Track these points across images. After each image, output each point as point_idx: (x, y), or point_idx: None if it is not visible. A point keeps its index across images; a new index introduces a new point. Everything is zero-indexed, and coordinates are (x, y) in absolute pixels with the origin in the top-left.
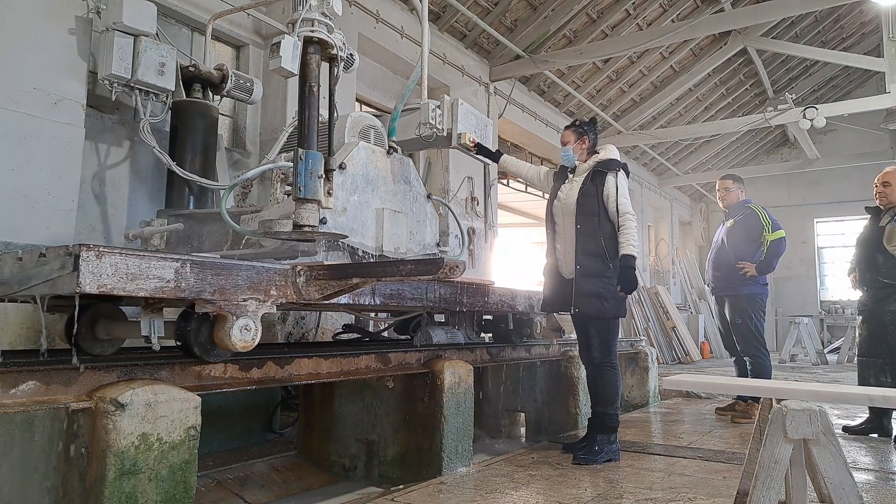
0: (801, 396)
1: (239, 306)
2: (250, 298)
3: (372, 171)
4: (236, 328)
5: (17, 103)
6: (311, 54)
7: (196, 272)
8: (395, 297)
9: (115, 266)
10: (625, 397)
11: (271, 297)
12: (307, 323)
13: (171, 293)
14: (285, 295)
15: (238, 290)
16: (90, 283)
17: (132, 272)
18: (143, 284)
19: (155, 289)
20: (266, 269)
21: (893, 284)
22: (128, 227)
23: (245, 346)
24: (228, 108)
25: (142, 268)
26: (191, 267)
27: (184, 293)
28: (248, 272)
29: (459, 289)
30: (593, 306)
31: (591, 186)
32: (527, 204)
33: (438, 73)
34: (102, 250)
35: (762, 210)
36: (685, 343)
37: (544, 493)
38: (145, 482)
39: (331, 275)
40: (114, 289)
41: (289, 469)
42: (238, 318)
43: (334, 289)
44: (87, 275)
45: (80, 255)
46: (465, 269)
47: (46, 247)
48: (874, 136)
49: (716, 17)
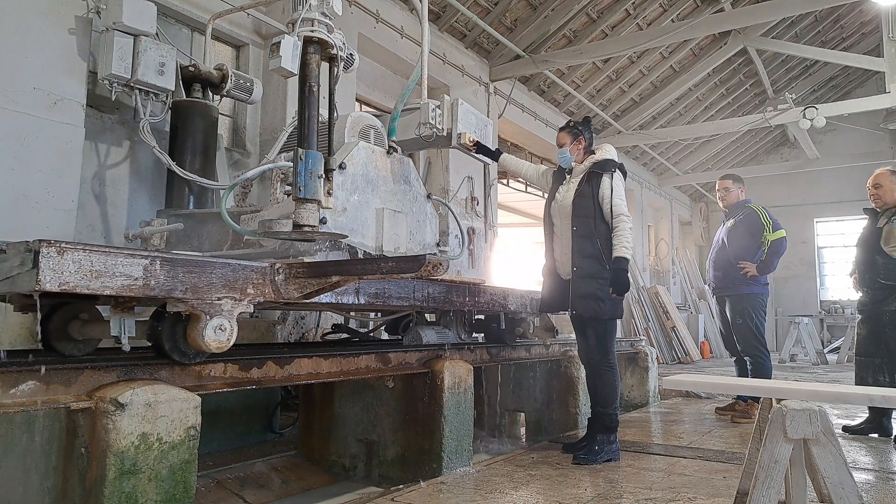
0: (801, 396)
1: (213, 305)
2: (225, 297)
3: (372, 171)
4: (210, 328)
5: (17, 103)
6: (311, 54)
7: (167, 269)
8: (381, 297)
9: (79, 263)
10: (625, 397)
11: (248, 295)
12: (307, 323)
13: (140, 291)
14: (263, 294)
15: (212, 289)
16: (51, 280)
17: (97, 269)
18: (108, 282)
19: (122, 287)
20: (243, 267)
21: (892, 285)
22: (128, 227)
23: (219, 346)
24: (228, 108)
25: (107, 265)
26: (161, 264)
27: (153, 291)
28: (223, 270)
29: (449, 288)
30: (590, 308)
31: (587, 188)
32: (527, 204)
33: (438, 73)
34: (64, 246)
35: (762, 210)
36: (685, 343)
37: (544, 493)
38: (145, 482)
39: (310, 273)
40: (77, 287)
41: (289, 469)
42: (212, 317)
43: (314, 287)
44: (47, 272)
45: (41, 252)
46: (449, 267)
47: (7, 242)
48: (874, 135)
49: (716, 17)
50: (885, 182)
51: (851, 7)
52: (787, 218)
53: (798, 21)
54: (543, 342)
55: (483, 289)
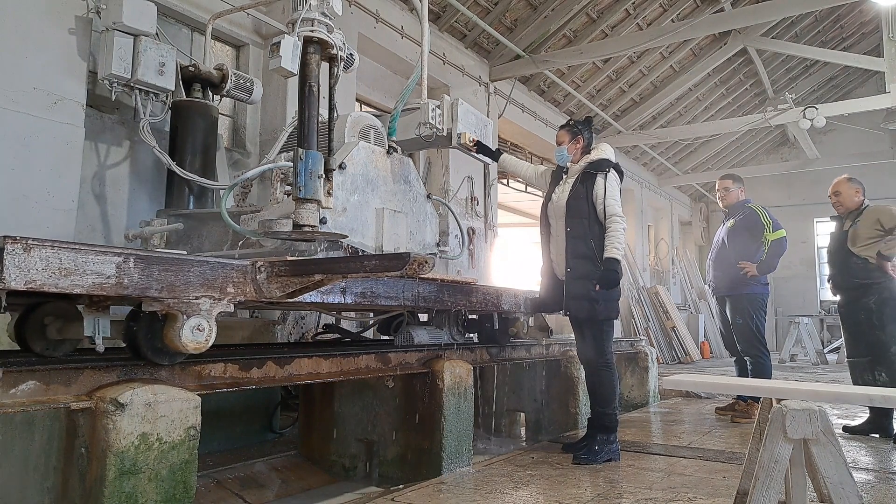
0: (800, 396)
1: (191, 305)
2: (203, 296)
3: (372, 170)
4: (187, 328)
5: (17, 103)
6: (311, 54)
7: (141, 267)
8: (368, 296)
9: (46, 260)
10: (625, 397)
11: (228, 294)
12: (307, 323)
13: (112, 290)
14: (244, 293)
15: (189, 287)
16: (17, 278)
17: (66, 267)
18: (78, 281)
19: (93, 285)
20: (222, 265)
21: (866, 283)
22: (128, 227)
23: (197, 347)
24: (228, 108)
25: (77, 262)
26: (135, 262)
27: (127, 290)
28: (202, 268)
29: (440, 287)
30: (583, 309)
31: (581, 188)
32: (527, 204)
33: (438, 72)
34: (31, 243)
35: (762, 210)
36: (685, 343)
37: (544, 493)
38: (145, 482)
39: (293, 271)
40: (44, 285)
41: (289, 469)
42: (189, 317)
43: (297, 286)
44: (12, 269)
45: (5, 248)
46: (435, 265)
47: None
48: (874, 135)
49: (716, 17)
50: (844, 189)
51: (851, 7)
52: (787, 218)
53: (798, 21)
54: (539, 342)
55: (475, 288)
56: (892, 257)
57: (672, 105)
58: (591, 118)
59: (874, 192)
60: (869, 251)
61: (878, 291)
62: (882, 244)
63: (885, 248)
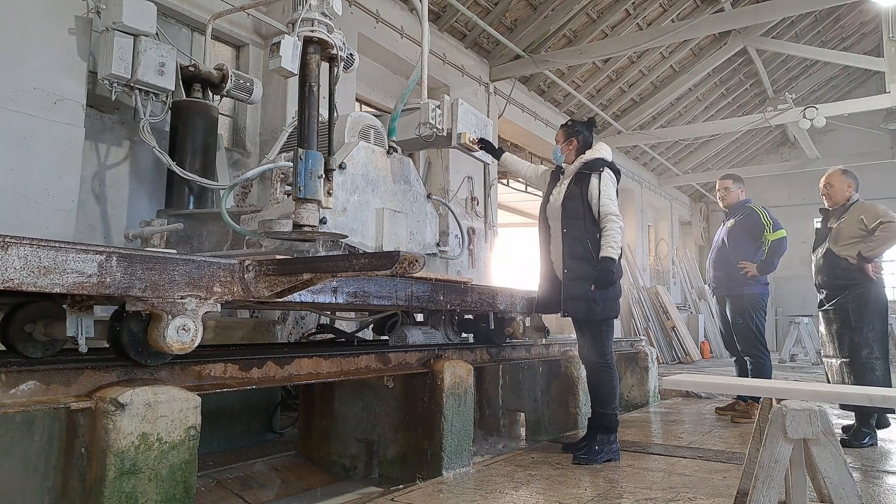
0: (801, 396)
1: (175, 304)
2: (189, 296)
3: (372, 171)
4: (172, 328)
5: (17, 103)
6: (311, 54)
7: (124, 266)
8: (360, 296)
9: (25, 258)
10: (625, 397)
11: (214, 294)
12: (307, 323)
13: (94, 289)
14: (231, 292)
15: (174, 287)
16: None
17: (45, 265)
18: (58, 279)
19: (73, 284)
20: (209, 264)
21: (846, 284)
22: (128, 227)
23: (182, 348)
24: (228, 108)
25: (57, 261)
26: (117, 260)
27: (109, 289)
28: (187, 266)
29: (434, 287)
30: (581, 309)
31: (576, 189)
32: (527, 204)
33: (438, 72)
34: (8, 240)
35: (763, 210)
36: (685, 343)
37: (544, 493)
38: (145, 482)
39: (281, 270)
40: (22, 284)
41: (289, 469)
42: (174, 317)
43: (285, 285)
44: None
45: None
46: (426, 264)
47: None
48: (874, 135)
49: (716, 17)
50: (836, 182)
51: (851, 7)
52: (787, 218)
53: (798, 21)
54: (538, 342)
55: (470, 288)
56: (872, 259)
57: (672, 105)
58: (594, 119)
59: (874, 192)
60: (850, 251)
61: (857, 293)
62: (863, 245)
63: (865, 248)
